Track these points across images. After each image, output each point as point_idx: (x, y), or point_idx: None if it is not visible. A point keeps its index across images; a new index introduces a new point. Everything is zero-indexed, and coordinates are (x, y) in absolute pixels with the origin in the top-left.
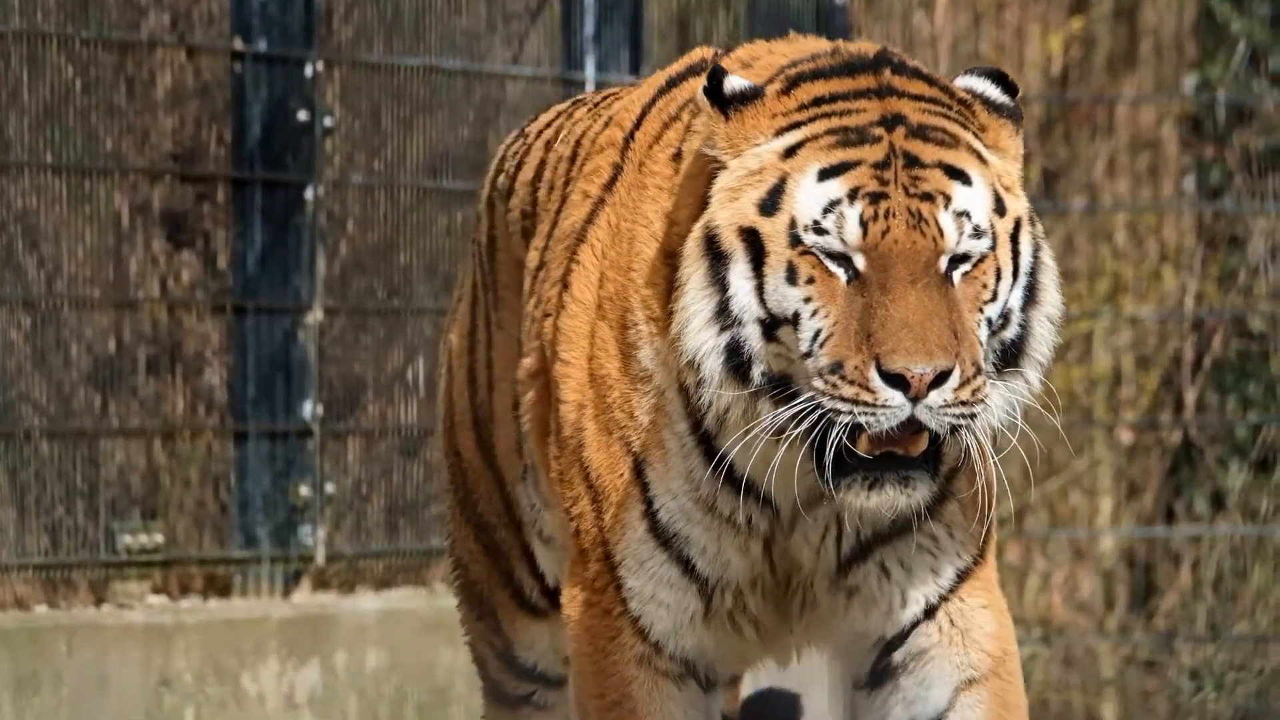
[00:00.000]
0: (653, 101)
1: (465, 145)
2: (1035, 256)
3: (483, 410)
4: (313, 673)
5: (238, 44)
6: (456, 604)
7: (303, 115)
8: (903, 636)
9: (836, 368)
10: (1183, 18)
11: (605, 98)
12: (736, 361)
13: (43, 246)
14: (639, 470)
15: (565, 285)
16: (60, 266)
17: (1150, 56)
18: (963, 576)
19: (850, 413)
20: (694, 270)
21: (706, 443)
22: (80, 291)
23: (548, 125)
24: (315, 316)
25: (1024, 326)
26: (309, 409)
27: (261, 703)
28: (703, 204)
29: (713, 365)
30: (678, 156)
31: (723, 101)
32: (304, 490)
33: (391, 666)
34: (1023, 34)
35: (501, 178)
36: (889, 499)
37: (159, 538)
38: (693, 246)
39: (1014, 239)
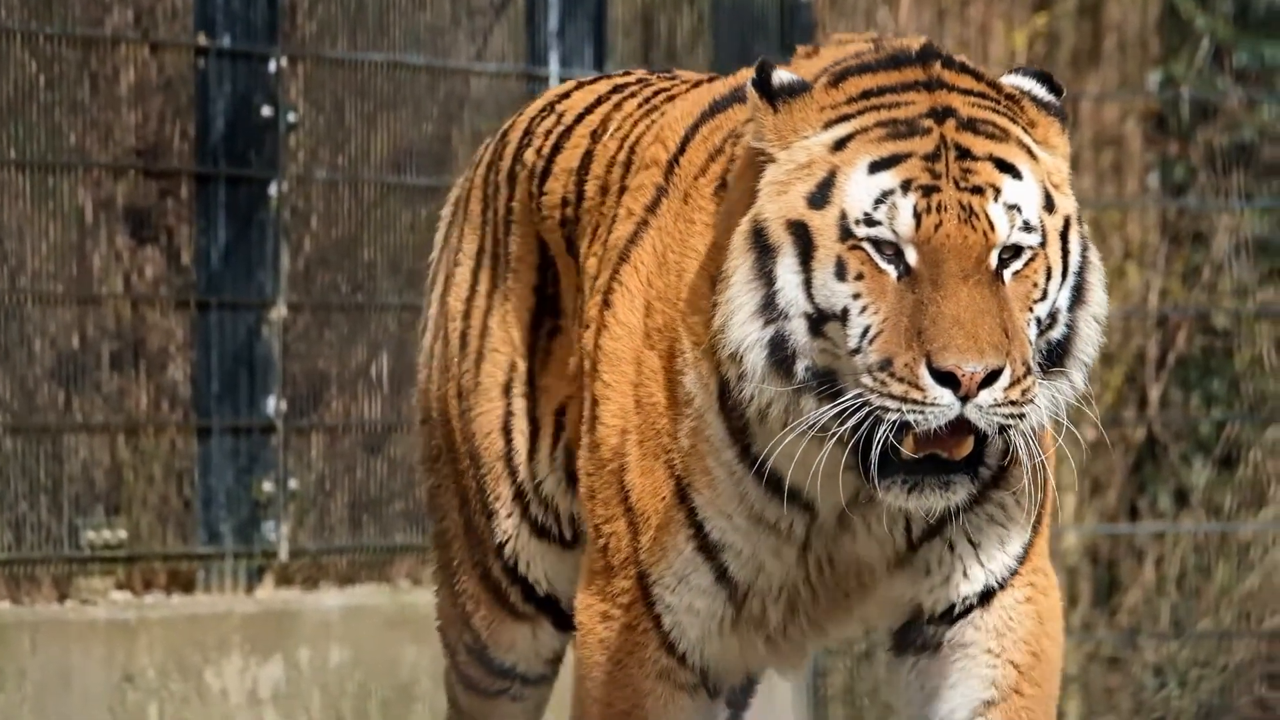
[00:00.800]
0: (696, 127)
1: (429, 141)
2: (1084, 256)
3: (466, 379)
4: (276, 669)
5: (201, 40)
6: (436, 587)
7: (266, 111)
8: (949, 616)
9: (885, 365)
10: (1146, 14)
11: (656, 92)
12: (780, 356)
13: (6, 242)
14: (683, 494)
15: (607, 304)
16: (24, 262)
17: (1114, 53)
18: (1021, 559)
19: (899, 410)
20: (740, 263)
21: (748, 450)
22: (44, 287)
23: (589, 110)
24: (279, 312)
25: (1070, 327)
26: (273, 405)
27: (225, 698)
28: (750, 198)
29: (755, 358)
30: (722, 188)
31: (771, 94)
32: (267, 486)
33: (355, 663)
34: (987, 30)
35: (530, 153)
36: (928, 502)
37: (122, 533)
38: (739, 240)
39: (1064, 237)
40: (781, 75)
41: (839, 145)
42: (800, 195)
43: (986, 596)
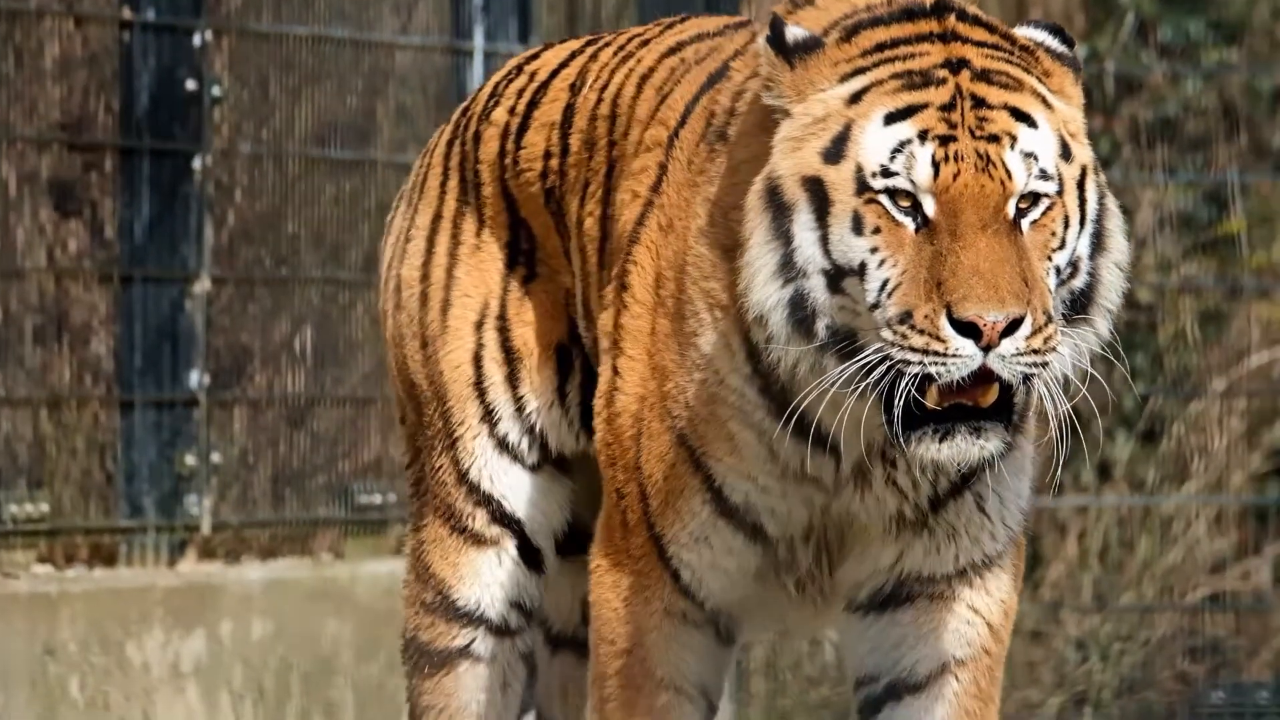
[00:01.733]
0: (696, 99)
1: (353, 115)
2: (1101, 204)
3: (431, 328)
4: (198, 642)
5: (126, 13)
6: (405, 580)
7: (191, 84)
8: (949, 575)
9: (906, 317)
10: None
11: (631, 38)
12: (801, 315)
13: None
14: (697, 459)
15: (624, 286)
16: None
17: None
18: (1024, 519)
19: (920, 363)
20: (757, 224)
21: (783, 404)
22: None
23: (564, 64)
24: (203, 286)
25: (1092, 275)
26: (196, 378)
27: (146, 672)
28: (763, 157)
29: (778, 319)
30: (720, 139)
31: (786, 50)
32: (190, 460)
33: (277, 636)
34: None
35: (500, 111)
36: (961, 451)
37: (44, 507)
38: (754, 200)
39: (1080, 186)
40: (795, 31)
41: (854, 99)
42: (815, 151)
43: (997, 555)
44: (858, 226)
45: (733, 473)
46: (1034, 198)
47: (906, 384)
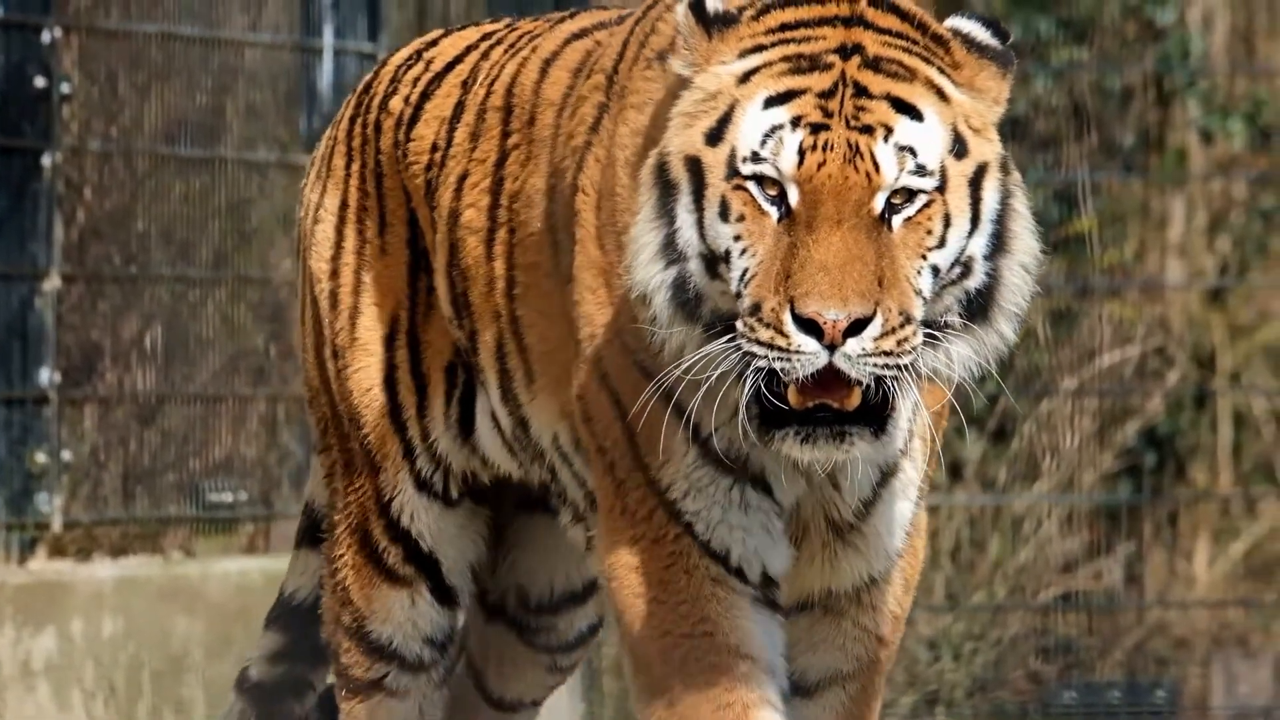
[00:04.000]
0: (630, 35)
1: (202, 112)
2: (1004, 203)
3: (341, 338)
4: (49, 640)
5: None
6: (323, 591)
7: (40, 81)
8: (847, 590)
9: (755, 309)
10: None
11: (522, 35)
12: (684, 298)
13: None
14: (680, 399)
15: (573, 239)
16: None
17: None
18: (912, 528)
19: (766, 357)
20: (645, 200)
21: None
22: None
23: (458, 59)
24: (52, 283)
25: (992, 275)
26: (46, 376)
27: None
28: (665, 128)
29: (661, 301)
30: (662, 59)
31: (705, 19)
32: (41, 457)
33: (128, 634)
34: None
35: (396, 100)
36: (823, 453)
37: None
38: (646, 175)
39: (975, 184)
40: (715, 2)
41: (744, 79)
42: (701, 130)
43: (884, 573)
44: (724, 212)
45: (700, 410)
46: (908, 193)
47: (755, 378)
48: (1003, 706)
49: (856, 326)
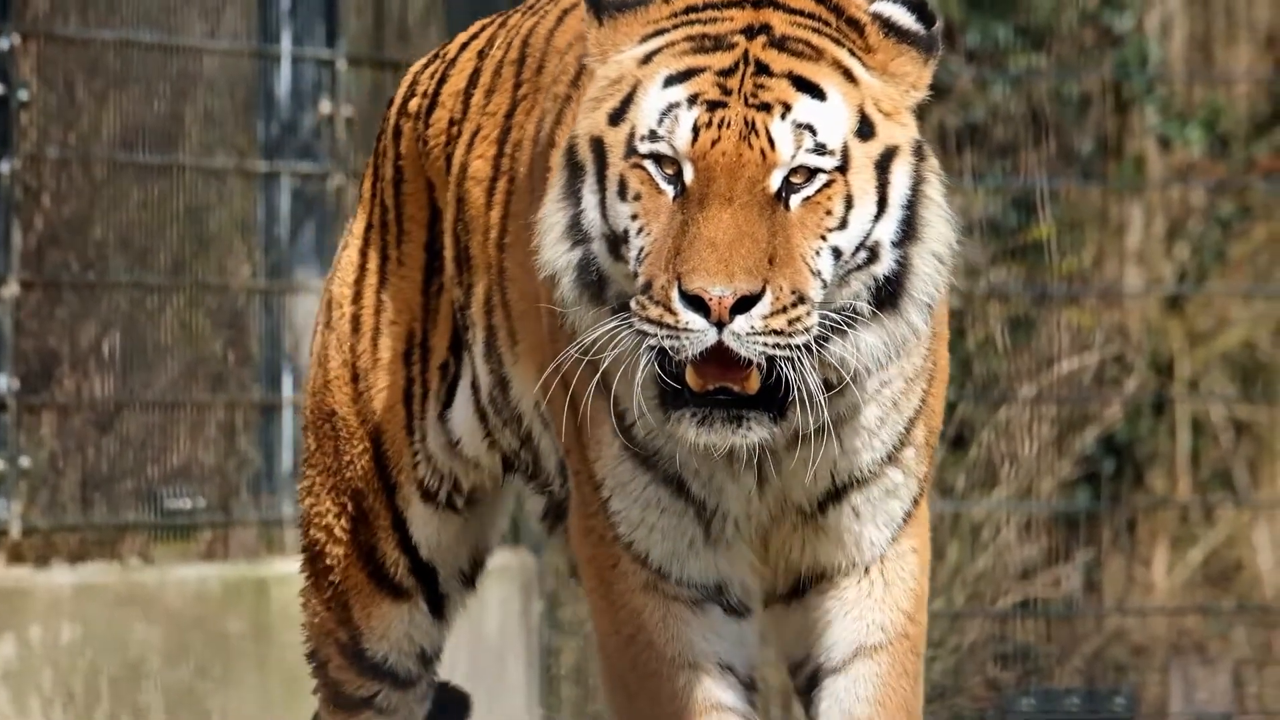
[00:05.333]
0: None
1: (161, 119)
2: (915, 189)
3: (363, 360)
4: (7, 646)
5: None
6: (304, 600)
7: None
8: (842, 578)
9: (647, 287)
10: None
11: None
12: (588, 279)
13: None
14: (605, 380)
15: (539, 198)
16: None
17: None
18: (907, 518)
19: (656, 335)
20: (556, 182)
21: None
22: None
23: (473, 38)
24: (10, 290)
25: (902, 263)
26: (4, 382)
27: None
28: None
29: (568, 282)
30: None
31: (597, 7)
32: None
33: (86, 640)
34: None
35: (415, 100)
36: (720, 437)
37: None
38: (558, 158)
39: (882, 167)
40: None
41: (646, 60)
42: (605, 112)
43: (879, 557)
44: (623, 191)
45: (626, 396)
46: (808, 172)
47: (647, 358)
48: (961, 713)
49: (744, 304)
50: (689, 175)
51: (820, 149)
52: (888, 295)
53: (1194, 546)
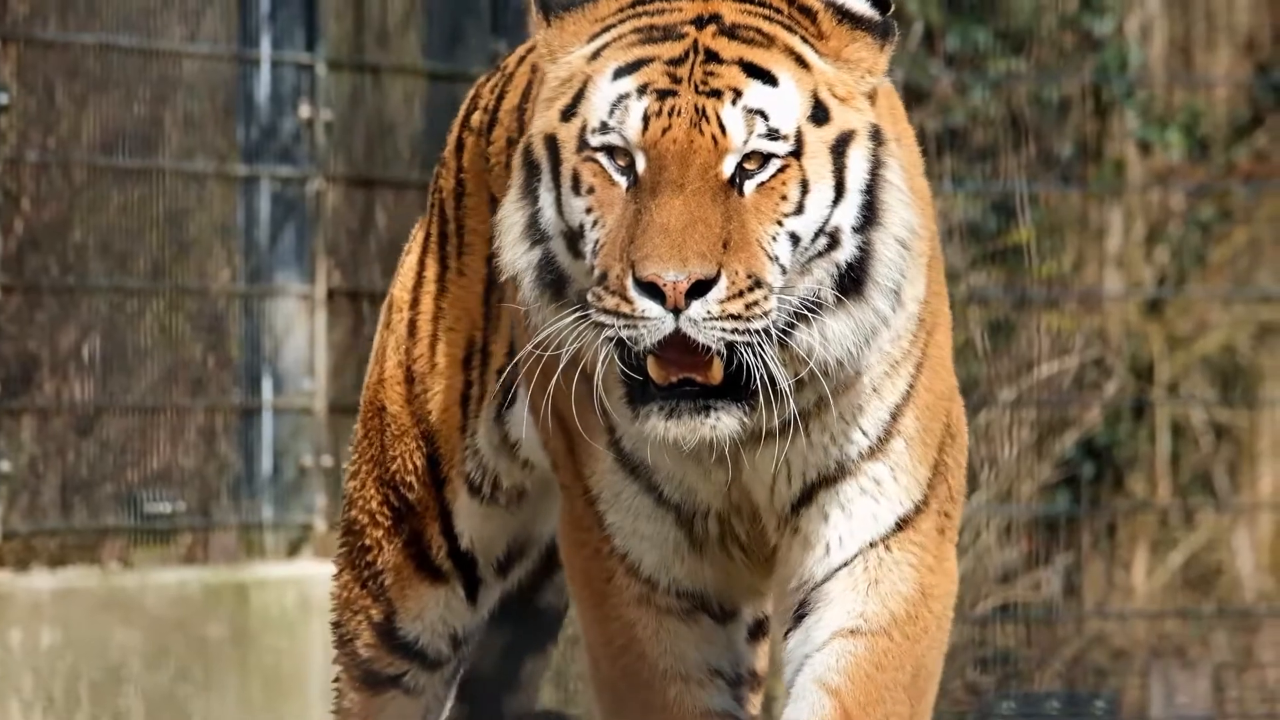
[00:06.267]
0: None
1: (140, 123)
2: (873, 173)
3: (419, 364)
4: None
5: None
6: (336, 573)
7: None
8: (825, 579)
9: (603, 278)
10: None
11: None
12: (549, 278)
13: None
14: (600, 395)
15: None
16: None
17: None
18: (902, 525)
19: (614, 325)
20: (514, 182)
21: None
22: None
23: (530, 50)
24: None
25: (864, 249)
26: None
27: None
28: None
29: (529, 282)
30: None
31: (545, 7)
32: None
33: (66, 644)
34: None
35: (478, 114)
36: (689, 429)
37: None
38: (516, 158)
39: (838, 151)
40: None
41: (595, 55)
42: (558, 109)
43: (860, 556)
44: (576, 186)
45: (618, 410)
46: (761, 158)
47: (606, 350)
48: (941, 717)
49: (699, 288)
50: (641, 165)
51: (773, 134)
52: (851, 282)
53: (1174, 550)
